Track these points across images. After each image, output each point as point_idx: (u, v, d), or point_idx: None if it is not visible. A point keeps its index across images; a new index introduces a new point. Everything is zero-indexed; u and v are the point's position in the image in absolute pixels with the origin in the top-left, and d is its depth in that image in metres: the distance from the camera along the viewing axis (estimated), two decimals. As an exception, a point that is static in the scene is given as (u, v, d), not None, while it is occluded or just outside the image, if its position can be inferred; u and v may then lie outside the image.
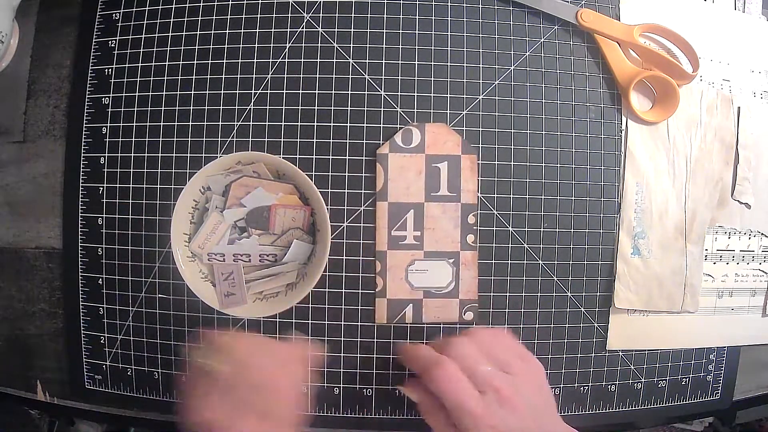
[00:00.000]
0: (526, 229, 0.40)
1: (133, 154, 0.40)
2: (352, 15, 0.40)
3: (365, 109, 0.40)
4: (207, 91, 0.40)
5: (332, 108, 0.40)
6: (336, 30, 0.40)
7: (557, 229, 0.40)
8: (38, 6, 0.43)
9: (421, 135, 0.39)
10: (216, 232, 0.37)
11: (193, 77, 0.40)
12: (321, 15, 0.40)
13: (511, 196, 0.40)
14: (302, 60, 0.40)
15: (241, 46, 0.40)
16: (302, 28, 0.40)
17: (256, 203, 0.37)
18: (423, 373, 0.33)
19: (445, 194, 0.39)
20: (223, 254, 0.38)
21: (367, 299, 0.40)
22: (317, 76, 0.40)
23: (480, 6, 0.40)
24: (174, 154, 0.40)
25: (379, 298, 0.39)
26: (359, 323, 0.40)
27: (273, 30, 0.40)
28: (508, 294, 0.40)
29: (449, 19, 0.40)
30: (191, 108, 0.40)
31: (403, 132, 0.39)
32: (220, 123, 0.40)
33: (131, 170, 0.40)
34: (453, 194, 0.39)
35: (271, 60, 0.40)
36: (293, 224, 0.38)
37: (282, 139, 0.40)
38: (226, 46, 0.40)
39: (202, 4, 0.40)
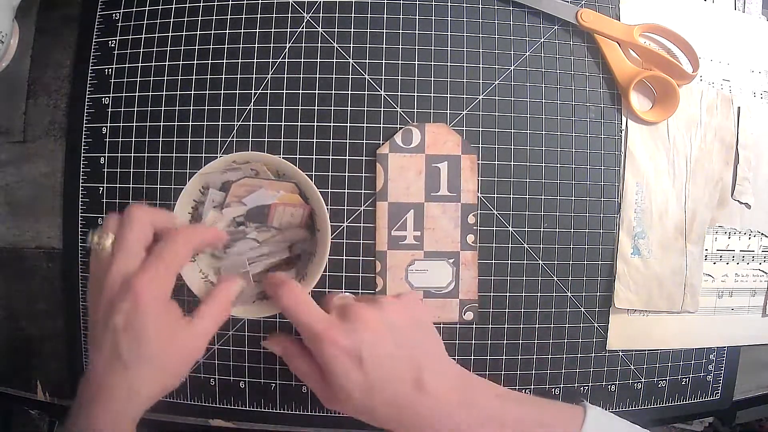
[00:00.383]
0: (526, 229, 0.40)
1: (133, 154, 0.40)
2: (352, 15, 0.40)
3: (365, 109, 0.40)
4: (207, 91, 0.40)
5: (332, 108, 0.40)
6: (336, 30, 0.40)
7: (557, 229, 0.40)
8: (38, 6, 0.43)
9: (421, 135, 0.39)
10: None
11: (193, 77, 0.40)
12: (321, 15, 0.40)
13: (511, 196, 0.40)
14: (302, 60, 0.40)
15: (241, 46, 0.40)
16: (302, 28, 0.40)
17: (257, 202, 0.37)
18: (272, 295, 0.32)
19: (445, 194, 0.39)
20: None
21: (367, 299, 0.40)
22: (317, 76, 0.40)
23: (480, 6, 0.40)
24: (174, 154, 0.40)
25: (379, 298, 0.39)
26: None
27: (273, 30, 0.40)
28: (508, 294, 0.40)
29: (449, 19, 0.40)
30: (191, 108, 0.40)
31: (403, 132, 0.39)
32: (220, 123, 0.40)
33: (131, 170, 0.40)
34: (453, 194, 0.39)
35: (271, 60, 0.40)
36: (292, 220, 0.38)
37: (282, 139, 0.40)
38: (226, 46, 0.40)
39: (202, 4, 0.40)
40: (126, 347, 0.28)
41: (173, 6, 0.41)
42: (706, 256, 0.41)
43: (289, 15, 0.40)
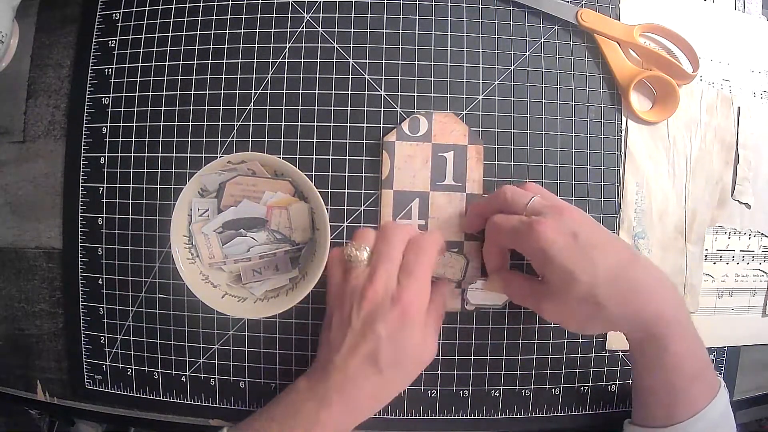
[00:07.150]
0: (526, 229, 0.40)
1: (133, 154, 0.40)
2: (352, 15, 0.40)
3: (365, 109, 0.40)
4: (207, 91, 0.40)
5: (332, 108, 0.40)
6: (336, 30, 0.40)
7: (557, 229, 0.40)
8: (38, 6, 0.43)
9: (428, 124, 0.39)
10: (210, 243, 0.37)
11: (193, 77, 0.40)
12: (321, 15, 0.40)
13: (511, 196, 0.40)
14: (302, 60, 0.40)
15: (241, 46, 0.40)
16: (302, 28, 0.40)
17: (249, 211, 0.37)
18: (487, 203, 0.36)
19: (451, 183, 0.39)
20: (225, 257, 0.38)
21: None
22: (317, 76, 0.40)
23: (480, 6, 0.40)
24: (174, 154, 0.40)
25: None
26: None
27: (273, 30, 0.40)
28: (508, 294, 0.40)
29: (449, 19, 0.40)
30: (191, 108, 0.40)
31: (410, 120, 0.39)
32: (220, 123, 0.40)
33: (131, 170, 0.40)
34: (458, 184, 0.39)
35: (271, 60, 0.40)
36: (290, 223, 0.38)
37: (282, 139, 0.40)
38: (226, 46, 0.40)
39: (202, 4, 0.40)
40: (385, 355, 0.30)
41: (173, 6, 0.41)
42: (706, 256, 0.41)
43: (289, 15, 0.40)
